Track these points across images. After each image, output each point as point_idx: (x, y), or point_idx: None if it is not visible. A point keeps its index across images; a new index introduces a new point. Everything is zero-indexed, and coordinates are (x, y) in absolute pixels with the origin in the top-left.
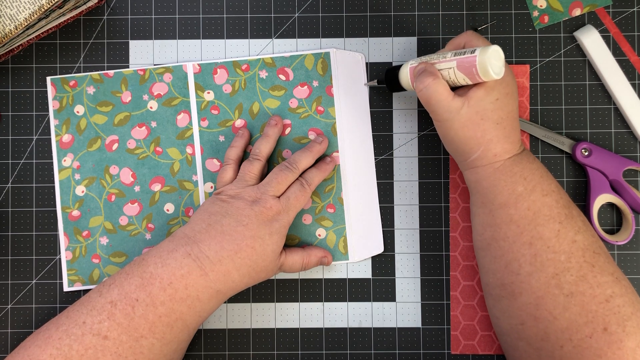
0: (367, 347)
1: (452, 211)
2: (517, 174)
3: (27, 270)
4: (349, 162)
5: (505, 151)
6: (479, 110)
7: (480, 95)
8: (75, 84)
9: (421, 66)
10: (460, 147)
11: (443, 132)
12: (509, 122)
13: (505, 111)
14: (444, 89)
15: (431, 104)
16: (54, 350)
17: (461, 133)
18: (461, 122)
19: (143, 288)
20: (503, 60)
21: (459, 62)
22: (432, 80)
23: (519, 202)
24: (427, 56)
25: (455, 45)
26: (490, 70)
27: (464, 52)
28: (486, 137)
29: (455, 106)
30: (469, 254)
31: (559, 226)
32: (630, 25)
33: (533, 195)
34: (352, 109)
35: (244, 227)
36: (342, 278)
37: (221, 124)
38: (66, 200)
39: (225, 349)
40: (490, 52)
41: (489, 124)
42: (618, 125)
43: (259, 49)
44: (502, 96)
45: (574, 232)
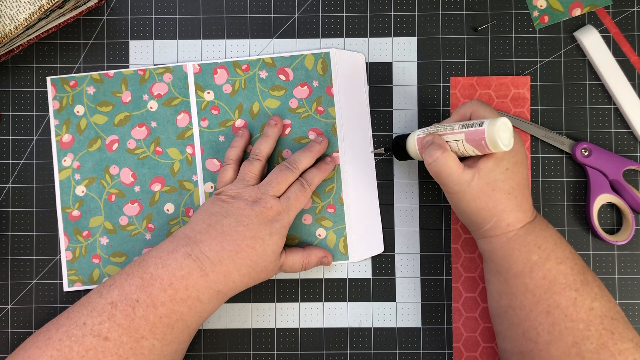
0: (367, 347)
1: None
2: (531, 243)
3: (27, 270)
4: (349, 162)
5: (518, 220)
6: (489, 181)
7: (490, 167)
8: (75, 84)
9: (429, 138)
10: (473, 218)
11: (455, 203)
12: (520, 191)
13: (515, 180)
14: (454, 162)
15: (441, 177)
16: (54, 352)
17: (473, 205)
18: (472, 194)
19: (143, 289)
20: (512, 131)
21: (467, 134)
22: (441, 153)
23: (534, 271)
24: (433, 126)
25: (461, 115)
26: (500, 143)
27: (471, 124)
28: (498, 208)
29: (466, 179)
30: (470, 265)
31: (575, 294)
32: (630, 25)
33: (548, 263)
34: (352, 109)
35: (244, 228)
36: (342, 278)
37: (221, 124)
38: (66, 200)
39: (225, 349)
40: (498, 125)
41: (500, 195)
42: (618, 125)
43: (259, 49)
44: (512, 165)
45: (591, 299)
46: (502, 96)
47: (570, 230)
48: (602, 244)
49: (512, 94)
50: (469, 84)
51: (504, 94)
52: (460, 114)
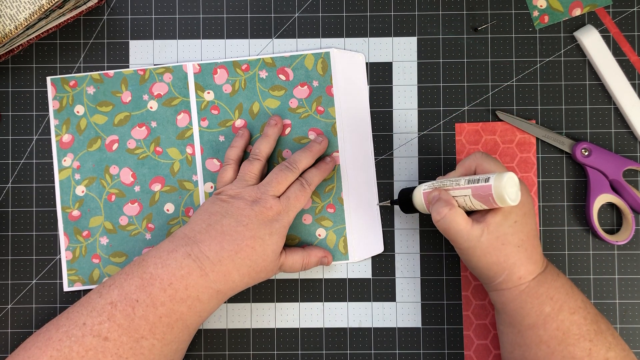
0: (367, 347)
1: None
2: (544, 295)
3: (27, 270)
4: (349, 162)
5: (529, 272)
6: (499, 235)
7: (499, 221)
8: (75, 84)
9: (435, 193)
10: (484, 272)
11: (466, 259)
12: (530, 243)
13: (525, 232)
14: (462, 218)
15: (450, 234)
16: (54, 352)
17: (484, 260)
18: (482, 250)
19: (143, 289)
20: (518, 185)
21: (474, 190)
22: (448, 210)
23: (548, 323)
24: (439, 181)
25: (466, 168)
26: (507, 198)
27: (477, 179)
28: (509, 262)
29: (475, 234)
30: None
31: (589, 344)
32: (630, 25)
33: (561, 314)
34: (352, 109)
35: (244, 227)
36: (342, 278)
37: (221, 124)
38: (66, 200)
39: (225, 349)
40: (505, 180)
41: (510, 249)
42: (618, 125)
43: (259, 49)
44: (520, 217)
45: (606, 349)
46: (507, 141)
47: (570, 230)
48: (602, 244)
49: (518, 139)
50: (474, 130)
51: (509, 139)
52: (465, 167)
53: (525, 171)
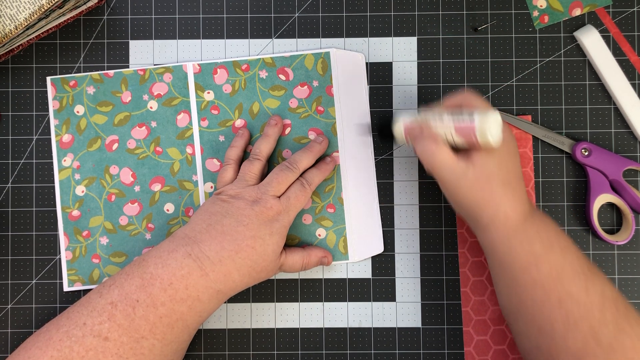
0: (367, 347)
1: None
2: (532, 235)
3: (27, 270)
4: (349, 162)
5: (516, 211)
6: (484, 172)
7: (484, 158)
8: (75, 84)
9: (418, 130)
10: (471, 209)
11: (451, 195)
12: (515, 182)
13: (509, 171)
14: (448, 154)
15: (435, 169)
16: (54, 352)
17: (470, 196)
18: (468, 185)
19: (143, 289)
20: (501, 125)
21: (457, 127)
22: (435, 147)
23: (540, 263)
24: (422, 113)
25: (453, 104)
26: (490, 138)
27: (462, 115)
28: (495, 198)
29: (461, 170)
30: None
31: (585, 281)
32: (630, 25)
33: (552, 253)
34: (352, 109)
35: (244, 227)
36: (342, 278)
37: (221, 124)
38: (66, 200)
39: (225, 349)
40: (489, 120)
41: (496, 185)
42: (618, 125)
43: (259, 49)
44: (505, 155)
45: (601, 283)
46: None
47: (570, 230)
48: (602, 244)
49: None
50: None
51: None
52: (451, 103)
53: (522, 166)
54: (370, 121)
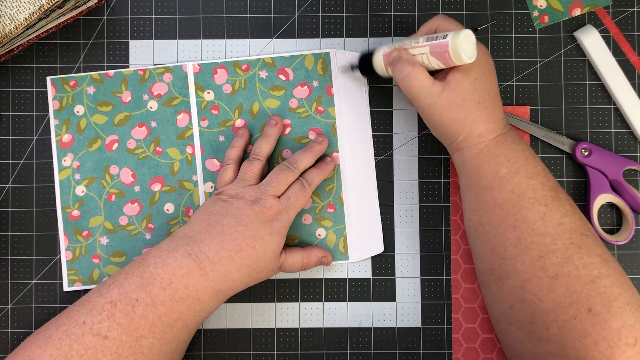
0: (367, 347)
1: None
2: (501, 156)
3: (27, 270)
4: (349, 162)
5: (489, 131)
6: (459, 92)
7: (459, 78)
8: (75, 84)
9: (395, 54)
10: (446, 130)
11: (428, 117)
12: (490, 101)
13: (485, 90)
14: (424, 75)
15: (412, 91)
16: (54, 351)
17: (445, 116)
18: (443, 106)
19: (143, 288)
20: (475, 43)
21: (431, 47)
22: (411, 68)
23: (503, 185)
24: (399, 41)
25: (427, 29)
26: (463, 55)
27: (436, 37)
28: (470, 118)
29: (436, 91)
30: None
31: (544, 209)
32: (630, 25)
33: (517, 177)
34: (352, 109)
35: (244, 227)
36: (342, 278)
37: (221, 124)
38: (66, 200)
39: (225, 349)
40: (461, 37)
41: (471, 105)
42: (618, 125)
43: (259, 49)
44: (480, 75)
45: (561, 214)
46: None
47: None
48: None
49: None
50: None
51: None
52: (426, 29)
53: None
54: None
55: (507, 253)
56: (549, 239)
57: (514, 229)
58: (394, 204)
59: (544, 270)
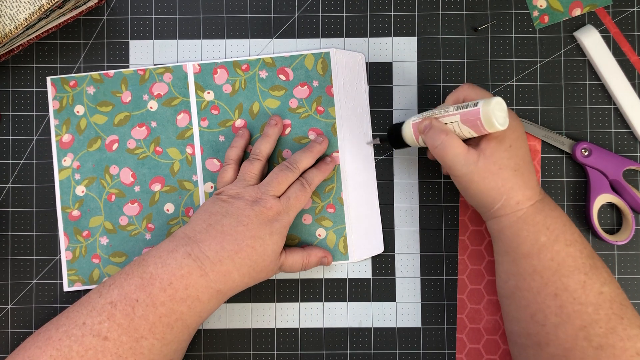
0: (367, 347)
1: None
2: (540, 223)
3: (27, 270)
4: (349, 162)
5: (527, 198)
6: (495, 160)
7: (494, 145)
8: (75, 84)
9: (426, 122)
10: (483, 199)
11: (464, 186)
12: (525, 167)
13: (520, 156)
14: (459, 143)
15: (448, 159)
16: (54, 351)
17: (482, 185)
18: (480, 175)
19: (143, 288)
20: (506, 110)
21: (462, 115)
22: (445, 136)
23: (542, 253)
24: (428, 111)
25: (455, 99)
26: (495, 122)
27: (466, 105)
28: (507, 186)
29: (472, 159)
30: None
31: (584, 277)
32: (630, 25)
33: (556, 245)
34: (352, 109)
35: (244, 227)
36: (342, 278)
37: (221, 124)
38: (66, 200)
39: (225, 349)
40: (493, 104)
41: (507, 172)
42: (618, 125)
43: (259, 49)
44: (514, 142)
45: (600, 283)
46: None
47: None
48: (602, 244)
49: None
50: None
51: None
52: (453, 98)
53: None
54: (376, 136)
55: (548, 321)
56: (591, 308)
57: (555, 297)
58: (394, 204)
59: (588, 341)
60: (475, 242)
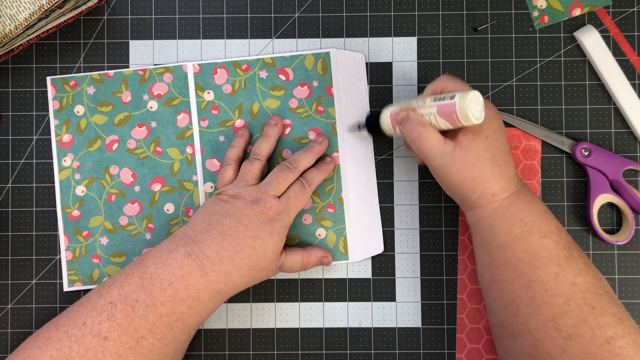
0: (367, 347)
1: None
2: (515, 215)
3: (27, 270)
4: (349, 162)
5: (503, 189)
6: (472, 151)
7: (470, 137)
8: (75, 84)
9: (404, 114)
10: (460, 190)
11: (440, 177)
12: (502, 159)
13: (496, 148)
14: (435, 135)
15: (424, 151)
16: (54, 352)
17: (458, 176)
18: (456, 166)
19: (143, 288)
20: (482, 104)
21: (439, 108)
22: (422, 128)
23: (516, 245)
24: (406, 101)
25: (433, 90)
26: (471, 116)
27: (443, 97)
28: (483, 177)
29: (448, 151)
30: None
31: (557, 269)
32: (630, 25)
33: (530, 237)
34: (352, 109)
35: (244, 227)
36: (342, 278)
37: (221, 124)
38: (66, 200)
39: (225, 349)
40: (469, 98)
41: (483, 164)
42: (618, 125)
43: (259, 49)
44: (491, 133)
45: (574, 274)
46: (513, 147)
47: (570, 230)
48: (602, 244)
49: (524, 145)
50: None
51: (514, 145)
52: (432, 89)
53: (529, 178)
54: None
55: (520, 311)
56: (562, 299)
57: (527, 289)
58: (394, 204)
59: (557, 331)
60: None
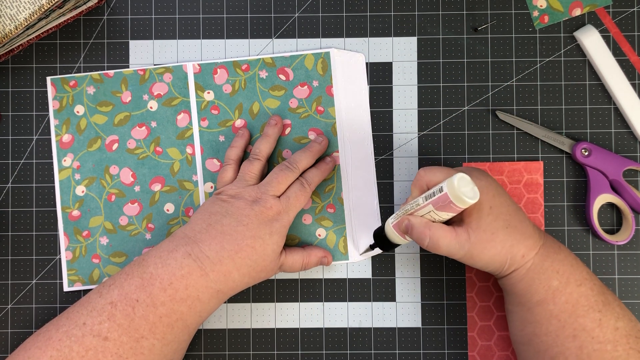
0: (367, 347)
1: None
2: (549, 269)
3: (27, 270)
4: (349, 162)
5: (530, 248)
6: (484, 228)
7: (476, 215)
8: (75, 84)
9: (406, 222)
10: (492, 266)
11: (469, 263)
12: (515, 219)
13: (505, 212)
14: (445, 232)
15: (443, 250)
16: (54, 352)
17: (484, 256)
18: (478, 249)
19: (143, 288)
20: (471, 182)
21: (434, 204)
22: (429, 231)
23: (557, 297)
24: (402, 209)
25: (419, 188)
26: (465, 198)
27: (432, 193)
28: (506, 246)
29: (464, 239)
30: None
31: (599, 315)
32: (630, 25)
33: (568, 287)
34: (352, 109)
35: (244, 227)
36: (342, 278)
37: (221, 124)
38: (66, 200)
39: (225, 349)
40: (457, 184)
41: (501, 234)
42: (618, 125)
43: (259, 49)
44: (493, 201)
45: (615, 319)
46: (515, 182)
47: (570, 230)
48: (602, 244)
49: (525, 179)
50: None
51: (516, 179)
52: (417, 187)
53: (533, 212)
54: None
55: None
56: (610, 345)
57: (574, 339)
58: (394, 204)
59: None
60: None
